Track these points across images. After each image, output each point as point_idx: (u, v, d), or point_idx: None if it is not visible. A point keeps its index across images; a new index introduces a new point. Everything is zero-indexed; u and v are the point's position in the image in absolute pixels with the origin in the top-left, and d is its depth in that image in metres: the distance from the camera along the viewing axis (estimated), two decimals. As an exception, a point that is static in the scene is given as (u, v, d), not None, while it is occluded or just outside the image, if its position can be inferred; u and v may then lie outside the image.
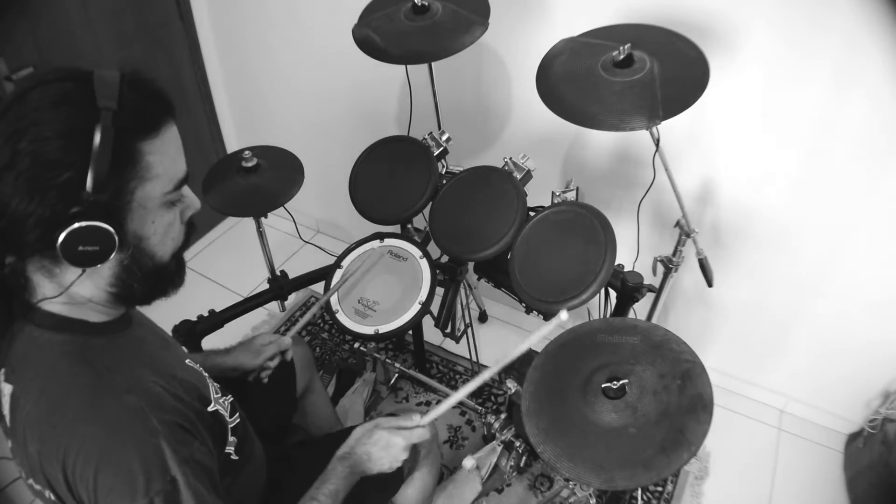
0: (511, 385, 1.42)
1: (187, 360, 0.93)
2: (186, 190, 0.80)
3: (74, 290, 0.75)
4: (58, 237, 0.67)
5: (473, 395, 1.96)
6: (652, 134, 1.14)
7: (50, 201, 0.66)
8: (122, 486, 0.69)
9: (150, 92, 0.73)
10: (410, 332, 1.86)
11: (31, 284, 0.75)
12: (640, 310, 1.42)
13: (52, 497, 0.76)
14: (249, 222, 1.76)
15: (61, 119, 0.66)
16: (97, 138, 0.66)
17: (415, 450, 1.27)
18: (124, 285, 0.77)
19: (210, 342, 1.59)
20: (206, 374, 0.96)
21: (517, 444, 1.53)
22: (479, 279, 1.52)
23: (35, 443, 0.73)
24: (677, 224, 1.35)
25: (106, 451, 0.70)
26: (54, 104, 0.67)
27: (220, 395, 0.95)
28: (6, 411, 0.77)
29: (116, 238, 0.70)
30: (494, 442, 1.55)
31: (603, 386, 0.96)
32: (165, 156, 0.73)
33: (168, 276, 0.82)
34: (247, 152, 1.55)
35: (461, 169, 1.49)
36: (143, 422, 0.72)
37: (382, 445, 1.01)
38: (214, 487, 0.78)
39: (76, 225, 0.67)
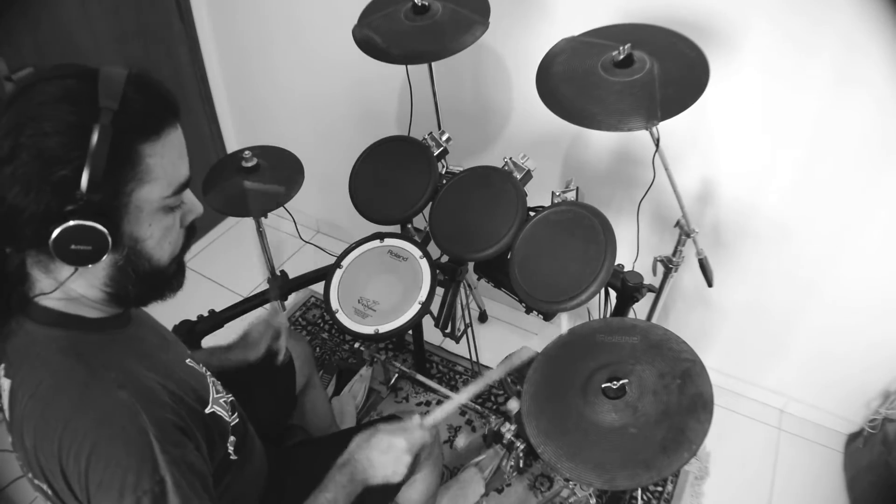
0: (514, 405, 1.41)
1: (188, 360, 0.93)
2: (188, 194, 0.79)
3: (70, 287, 0.75)
4: (51, 234, 0.67)
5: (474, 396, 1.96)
6: (652, 134, 1.14)
7: (44, 197, 0.66)
8: (110, 481, 0.69)
9: (155, 93, 0.73)
10: (410, 332, 1.86)
11: (30, 279, 0.75)
12: (640, 310, 1.42)
13: (50, 492, 0.76)
14: (249, 222, 1.77)
15: (61, 115, 0.66)
16: (94, 137, 0.65)
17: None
18: (118, 286, 0.77)
19: (210, 342, 1.59)
20: (206, 374, 0.96)
21: (517, 444, 1.52)
22: (479, 279, 1.52)
23: (31, 437, 0.73)
24: (677, 224, 1.35)
25: (96, 445, 0.69)
26: (56, 100, 0.67)
27: (219, 394, 0.95)
28: (6, 406, 0.77)
29: (110, 239, 0.69)
30: (497, 446, 1.55)
31: (603, 386, 0.96)
32: (166, 159, 0.72)
33: (165, 280, 0.82)
34: (247, 152, 1.55)
35: (461, 169, 1.49)
36: (134, 418, 0.71)
37: (383, 449, 0.98)
38: (207, 491, 0.77)
39: (69, 223, 0.67)
